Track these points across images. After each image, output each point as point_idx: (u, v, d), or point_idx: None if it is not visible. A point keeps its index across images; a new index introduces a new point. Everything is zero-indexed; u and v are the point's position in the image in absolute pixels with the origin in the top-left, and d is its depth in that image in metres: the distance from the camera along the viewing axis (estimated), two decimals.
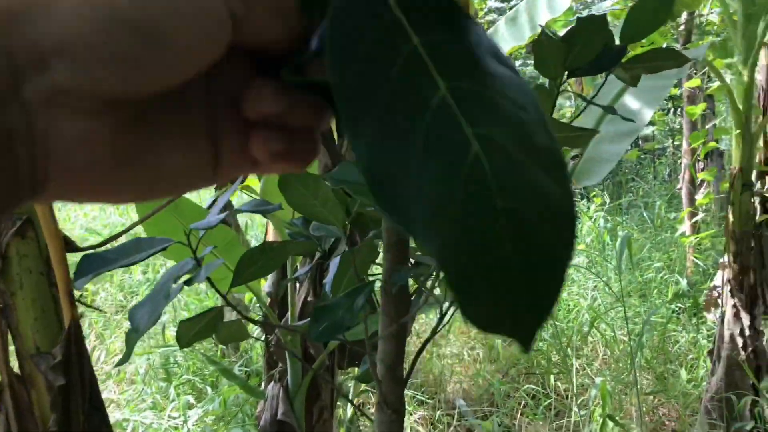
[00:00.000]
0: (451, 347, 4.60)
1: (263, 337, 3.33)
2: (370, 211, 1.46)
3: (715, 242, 5.78)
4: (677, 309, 4.75)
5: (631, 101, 2.41)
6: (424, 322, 4.85)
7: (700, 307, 4.74)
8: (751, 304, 3.09)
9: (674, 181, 8.99)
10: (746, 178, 3.09)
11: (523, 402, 3.75)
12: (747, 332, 3.02)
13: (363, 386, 3.10)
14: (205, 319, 1.02)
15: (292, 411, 2.28)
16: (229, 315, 1.66)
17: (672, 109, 11.03)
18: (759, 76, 3.16)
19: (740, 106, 3.04)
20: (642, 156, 12.14)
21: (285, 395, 2.31)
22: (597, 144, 2.31)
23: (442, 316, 1.61)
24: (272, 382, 2.37)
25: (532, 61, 1.10)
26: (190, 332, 1.03)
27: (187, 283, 0.96)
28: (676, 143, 12.32)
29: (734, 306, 3.09)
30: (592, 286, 5.00)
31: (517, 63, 7.98)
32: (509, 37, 5.03)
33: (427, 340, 1.55)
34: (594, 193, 6.98)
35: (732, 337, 3.07)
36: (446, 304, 1.62)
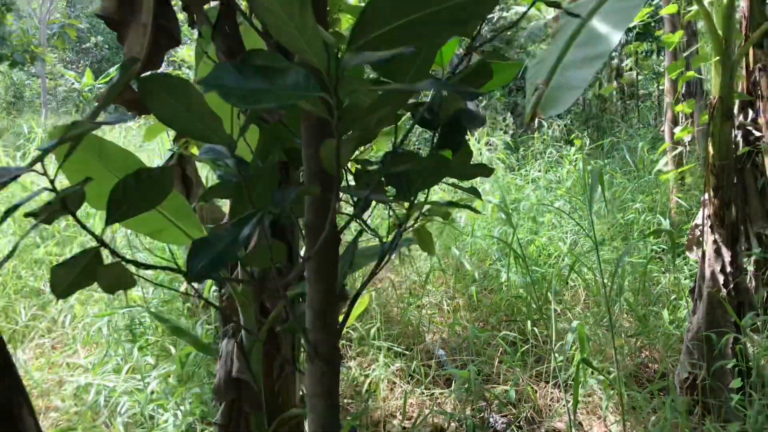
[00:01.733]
0: (430, 297, 4.49)
1: (210, 289, 3.20)
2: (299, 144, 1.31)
3: (699, 182, 5.67)
4: (659, 249, 4.65)
5: (599, 24, 2.23)
6: (404, 275, 4.74)
7: (683, 247, 4.65)
8: (732, 240, 2.98)
9: (659, 125, 8.84)
10: (726, 108, 2.94)
11: (503, 349, 3.66)
12: (728, 269, 2.92)
13: None
14: (81, 264, 0.87)
15: (248, 367, 2.15)
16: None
17: (656, 51, 10.80)
18: (741, 0, 2.99)
19: (719, 32, 2.87)
20: (627, 101, 11.97)
21: (240, 351, 2.18)
22: (563, 71, 2.14)
23: (383, 255, 1.47)
24: (226, 338, 2.25)
25: None
26: (65, 280, 0.88)
27: (46, 221, 0.80)
28: (661, 87, 12.14)
29: (715, 242, 2.98)
30: (574, 230, 4.90)
31: None
32: None
33: (367, 281, 1.42)
34: (574, 135, 6.83)
35: (713, 274, 2.96)
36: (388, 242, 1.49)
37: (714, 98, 2.95)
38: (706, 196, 3.11)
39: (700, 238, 3.66)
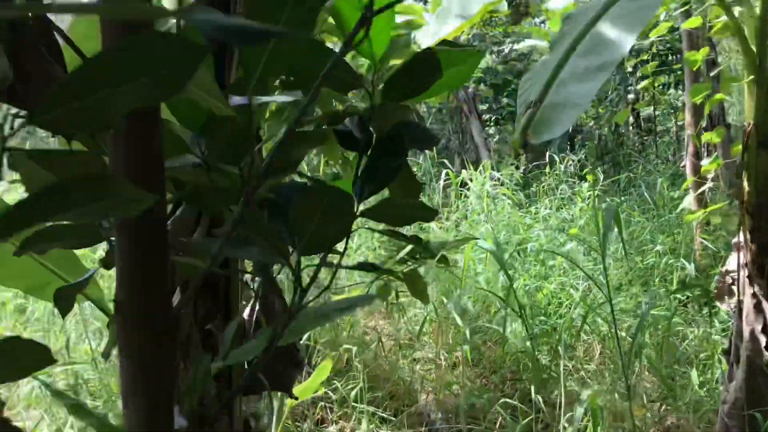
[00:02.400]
0: (425, 351, 4.00)
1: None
2: None
3: (726, 221, 5.16)
4: (684, 299, 4.14)
5: (607, 29, 1.79)
6: (396, 326, 4.27)
7: (711, 295, 4.14)
8: None
9: (679, 160, 8.36)
10: (763, 135, 2.48)
11: (506, 415, 3.16)
12: None
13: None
14: None
15: None
16: None
17: (674, 84, 10.37)
18: None
19: (753, 47, 2.44)
20: (644, 137, 11.51)
21: None
22: (561, 86, 1.70)
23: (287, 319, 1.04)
24: None
25: None
26: None
27: None
28: (680, 122, 11.69)
29: (754, 295, 2.49)
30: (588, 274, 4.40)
31: None
32: None
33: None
34: (587, 170, 6.36)
35: (752, 334, 2.47)
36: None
37: (748, 125, 2.50)
38: (741, 238, 2.64)
39: (732, 287, 3.16)
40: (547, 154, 7.12)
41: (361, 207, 0.98)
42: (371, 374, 3.61)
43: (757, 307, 2.48)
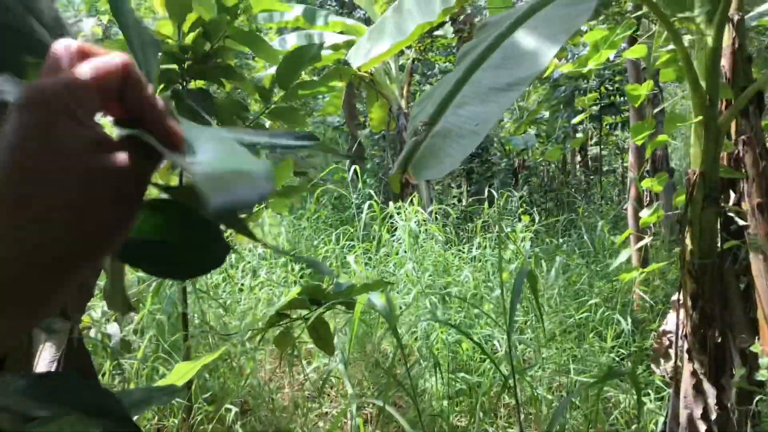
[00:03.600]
0: (329, 407, 3.53)
1: None
2: None
3: (666, 273, 4.88)
4: (618, 356, 3.78)
5: (524, 37, 1.37)
6: (299, 377, 3.77)
7: (646, 353, 3.80)
8: (716, 370, 2.13)
9: (623, 201, 8.17)
10: (710, 186, 2.13)
11: None
12: (712, 414, 2.05)
13: None
14: None
15: None
16: None
17: (621, 124, 10.30)
18: (726, 42, 2.24)
19: (702, 84, 2.10)
20: (591, 176, 11.40)
21: None
22: (459, 107, 1.28)
23: None
24: None
25: None
26: None
27: None
28: (625, 164, 11.64)
29: (694, 374, 2.12)
30: (516, 327, 4.01)
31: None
32: (417, 12, 4.10)
33: None
34: (522, 210, 6.03)
35: (691, 420, 2.09)
36: None
37: (693, 173, 2.15)
38: (680, 298, 2.27)
39: (669, 350, 2.82)
40: (486, 189, 6.79)
41: None
42: None
43: (697, 388, 2.11)
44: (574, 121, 6.71)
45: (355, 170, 6.26)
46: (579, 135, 10.57)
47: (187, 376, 1.66)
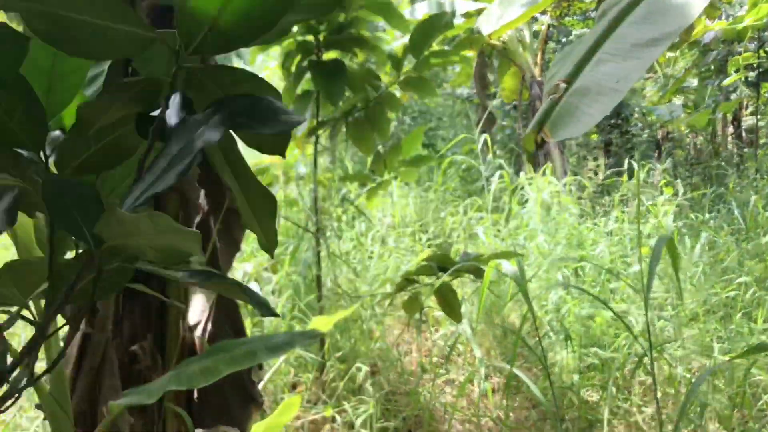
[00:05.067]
0: (457, 374, 3.56)
1: None
2: None
3: None
4: None
5: None
6: (426, 344, 3.83)
7: None
8: None
9: None
10: None
11: None
12: None
13: None
14: None
15: None
16: None
17: None
18: None
19: None
20: (744, 149, 10.46)
21: None
22: (598, 64, 1.23)
23: None
24: None
25: None
26: None
27: None
28: None
29: None
30: (654, 303, 3.82)
31: None
32: None
33: None
34: (663, 181, 5.67)
35: None
36: None
37: None
38: None
39: None
40: (627, 160, 6.45)
41: None
42: (390, 397, 3.21)
43: None
44: (726, 82, 6.15)
45: (485, 141, 6.18)
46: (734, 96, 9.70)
47: (325, 328, 1.74)
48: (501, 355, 3.71)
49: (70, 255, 0.91)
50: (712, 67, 9.23)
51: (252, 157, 1.32)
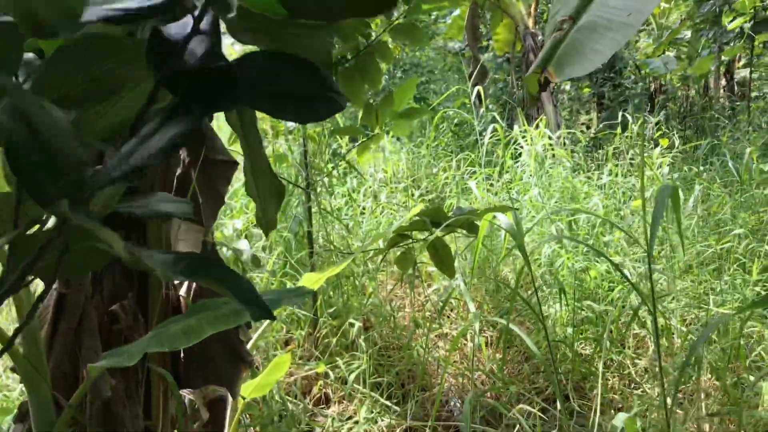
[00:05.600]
0: (450, 328, 3.54)
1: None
2: None
3: None
4: (766, 290, 3.49)
5: None
6: (419, 298, 3.81)
7: None
8: None
9: None
10: None
11: (535, 413, 2.68)
12: None
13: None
14: None
15: None
16: None
17: None
18: None
19: None
20: (736, 102, 10.36)
21: None
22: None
23: None
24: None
25: None
26: None
27: None
28: None
29: None
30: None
31: None
32: None
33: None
34: (659, 133, 5.60)
35: None
36: None
37: None
38: None
39: None
40: (620, 113, 6.37)
41: None
42: (383, 353, 3.19)
43: None
44: (732, 25, 6.00)
45: (477, 94, 6.06)
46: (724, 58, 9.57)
47: (316, 285, 1.69)
48: (494, 310, 3.69)
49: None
50: (707, 18, 9.08)
51: None
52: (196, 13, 0.63)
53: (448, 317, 3.69)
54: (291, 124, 4.14)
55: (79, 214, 0.50)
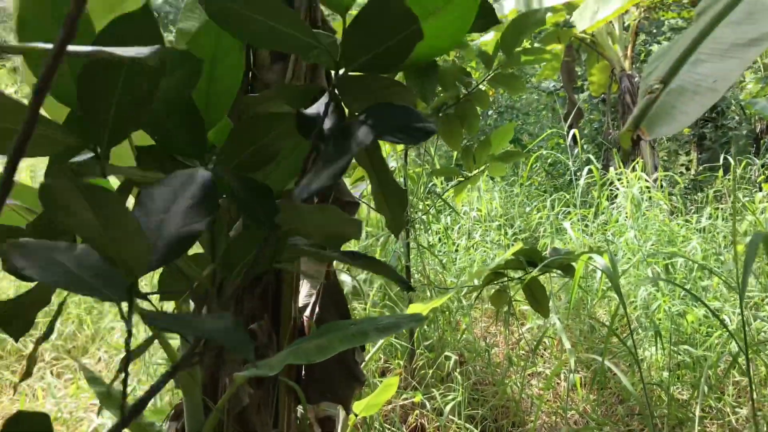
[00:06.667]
0: (544, 367, 3.60)
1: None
2: None
3: None
4: None
5: None
6: (514, 336, 3.88)
7: None
8: None
9: None
10: None
11: None
12: None
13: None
14: None
15: None
16: None
17: None
18: None
19: None
20: None
21: None
22: (695, 65, 1.28)
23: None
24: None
25: None
26: None
27: None
28: None
29: None
30: (751, 303, 3.72)
31: None
32: None
33: None
34: (763, 177, 5.44)
35: None
36: None
37: None
38: None
39: None
40: (722, 155, 6.23)
41: None
42: (477, 387, 3.30)
43: None
44: None
45: (573, 135, 6.12)
46: None
47: (423, 313, 1.86)
48: (588, 351, 3.72)
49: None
50: None
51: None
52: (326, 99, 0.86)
53: (542, 356, 3.75)
54: (393, 164, 4.38)
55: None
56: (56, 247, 0.58)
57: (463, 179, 3.83)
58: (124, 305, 0.62)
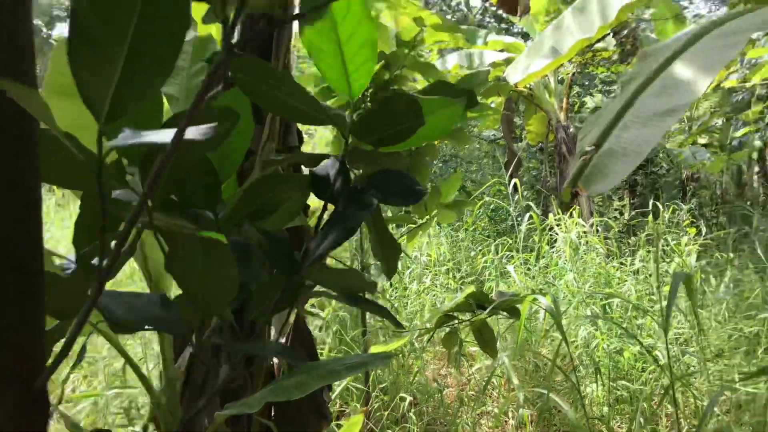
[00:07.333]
0: (493, 406, 3.75)
1: None
2: None
3: None
4: None
5: (682, 69, 1.57)
6: (461, 377, 4.04)
7: None
8: None
9: None
10: None
11: None
12: None
13: None
14: None
15: None
16: None
17: None
18: None
19: None
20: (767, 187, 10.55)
21: None
22: (622, 131, 1.51)
23: None
24: None
25: None
26: None
27: None
28: None
29: None
30: (681, 338, 4.00)
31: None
32: (576, 29, 4.25)
33: None
34: (687, 222, 5.85)
35: None
36: None
37: None
38: None
39: None
40: (651, 201, 6.66)
41: None
42: (430, 427, 3.42)
43: None
44: (738, 134, 6.38)
45: (514, 183, 6.44)
46: (757, 143, 9.85)
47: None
48: (534, 388, 3.90)
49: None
50: (737, 108, 9.45)
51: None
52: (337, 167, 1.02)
53: (490, 396, 3.90)
54: None
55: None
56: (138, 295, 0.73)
57: (414, 226, 4.02)
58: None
